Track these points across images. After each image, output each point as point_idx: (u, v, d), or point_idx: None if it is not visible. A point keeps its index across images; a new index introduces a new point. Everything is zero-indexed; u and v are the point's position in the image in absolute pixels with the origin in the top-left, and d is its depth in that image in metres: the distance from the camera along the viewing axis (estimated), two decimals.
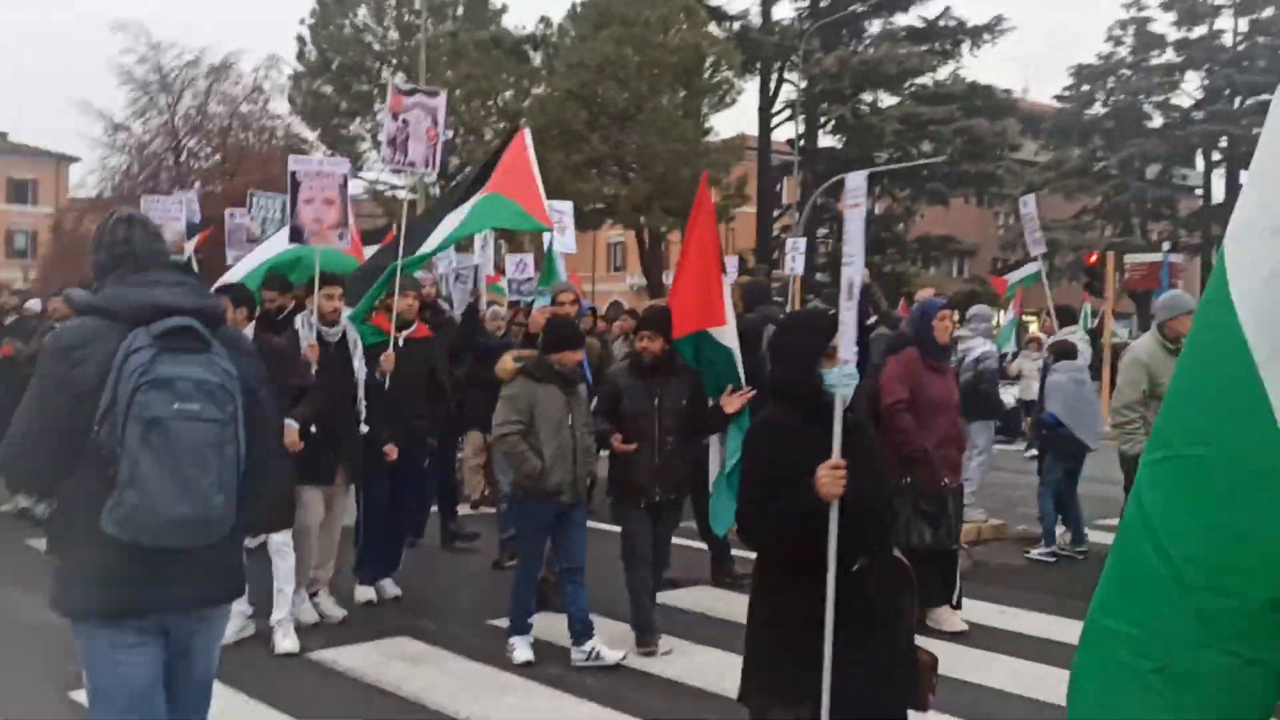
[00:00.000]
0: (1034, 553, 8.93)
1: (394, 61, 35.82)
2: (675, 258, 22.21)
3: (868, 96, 40.36)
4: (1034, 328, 16.30)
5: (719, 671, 5.33)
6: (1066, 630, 4.92)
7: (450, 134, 26.17)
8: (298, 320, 6.63)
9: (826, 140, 40.76)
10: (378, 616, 6.85)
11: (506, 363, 6.13)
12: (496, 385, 6.27)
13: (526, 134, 8.38)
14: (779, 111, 39.44)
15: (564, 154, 29.40)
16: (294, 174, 7.20)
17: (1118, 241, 39.93)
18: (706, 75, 34.41)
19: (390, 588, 7.25)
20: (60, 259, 29.41)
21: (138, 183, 32.25)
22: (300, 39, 36.74)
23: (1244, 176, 1.88)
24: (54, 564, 3.06)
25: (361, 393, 6.74)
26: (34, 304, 11.90)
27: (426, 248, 7.87)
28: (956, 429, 7.16)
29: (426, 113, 7.88)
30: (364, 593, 7.17)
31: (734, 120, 71.99)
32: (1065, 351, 9.40)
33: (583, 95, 31.14)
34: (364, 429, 6.73)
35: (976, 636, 6.56)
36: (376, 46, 36.57)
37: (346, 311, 6.97)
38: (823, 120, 39.86)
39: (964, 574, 7.13)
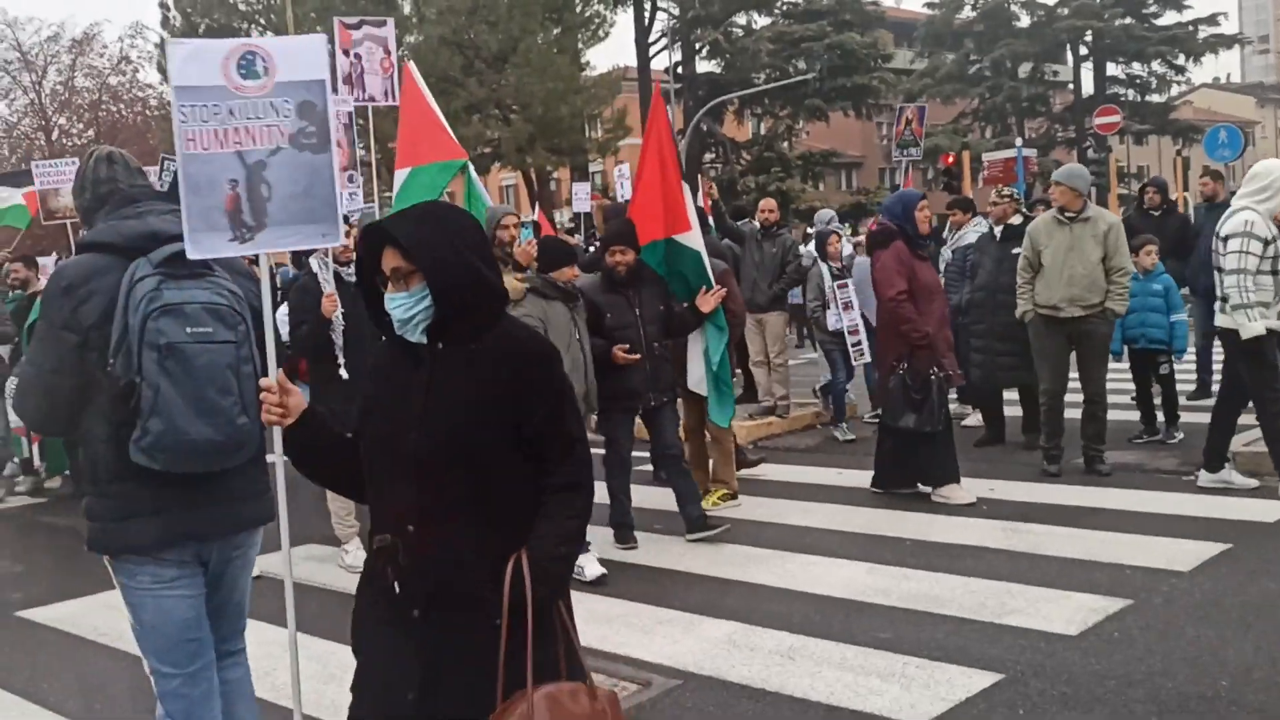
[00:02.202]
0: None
1: (261, 21, 34.73)
2: (565, 195, 22.20)
3: (741, 19, 40.34)
4: None
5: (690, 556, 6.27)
6: None
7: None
8: (313, 261, 6.47)
9: (705, 66, 40.64)
10: None
11: (512, 282, 6.13)
12: None
13: (412, 68, 8.20)
14: (655, 41, 39.19)
15: (443, 101, 28.79)
16: None
17: (992, 142, 40.85)
18: (578, 10, 34.09)
19: None
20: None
21: (10, 164, 31.02)
22: (163, 5, 35.51)
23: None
24: (86, 503, 3.10)
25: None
26: None
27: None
28: (945, 312, 7.54)
29: (377, 43, 7.67)
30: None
31: (612, 53, 71.72)
32: None
33: (456, 41, 30.68)
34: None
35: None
36: (242, 7, 35.44)
37: None
38: (698, 46, 39.74)
39: None
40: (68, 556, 7.28)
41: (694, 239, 6.86)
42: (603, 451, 6.57)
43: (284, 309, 7.95)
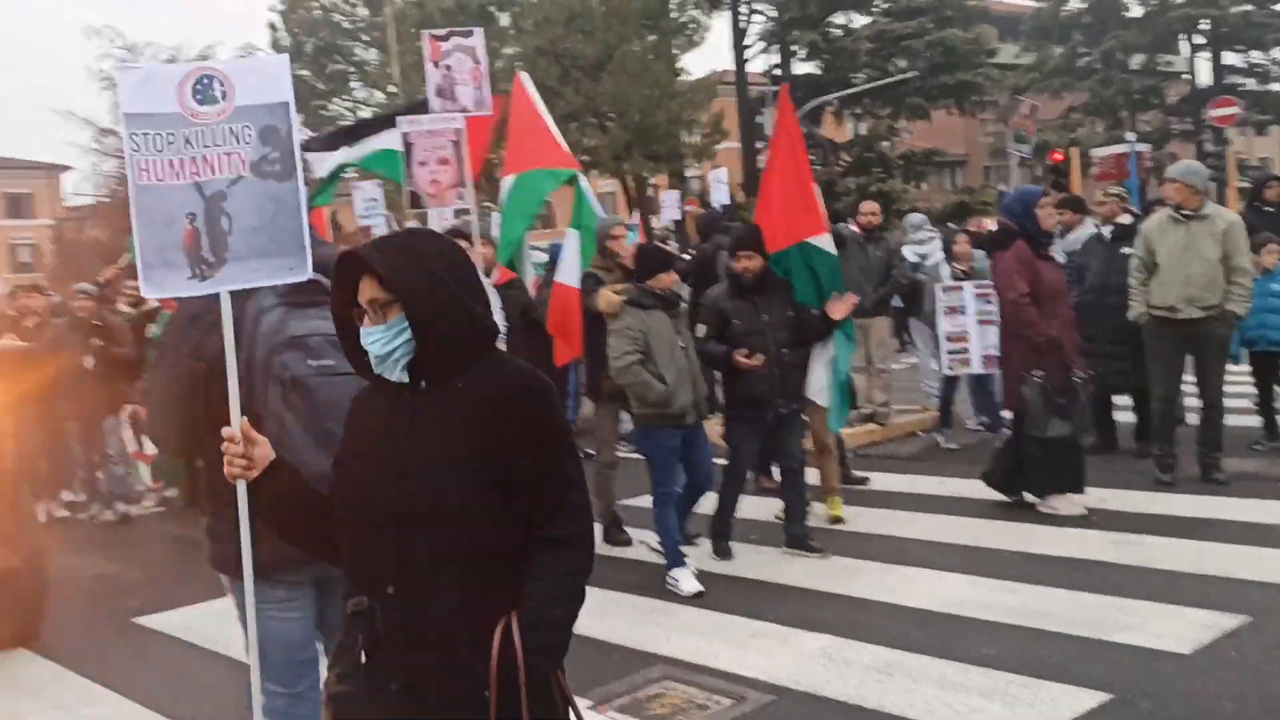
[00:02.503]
0: None
1: (365, 38, 35.66)
2: (663, 201, 22.15)
3: (839, 19, 39.90)
4: None
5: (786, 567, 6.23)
6: None
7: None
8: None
9: (802, 67, 40.31)
10: None
11: (609, 295, 6.12)
12: None
13: (523, 78, 8.15)
14: (751, 45, 39.00)
15: None
16: (405, 137, 6.81)
17: (1102, 137, 39.70)
18: (673, 16, 34.07)
19: None
20: (65, 267, 29.45)
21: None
22: (272, 26, 36.75)
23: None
24: (209, 524, 3.14)
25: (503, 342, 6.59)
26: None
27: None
28: (1071, 314, 7.24)
29: (466, 53, 7.47)
30: None
31: (708, 58, 71.67)
32: None
33: (553, 51, 30.88)
34: None
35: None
36: (346, 25, 36.54)
37: None
38: (795, 48, 39.42)
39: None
40: (181, 564, 7.52)
41: (828, 242, 6.71)
42: (724, 461, 6.56)
43: None
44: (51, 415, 8.55)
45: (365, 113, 34.54)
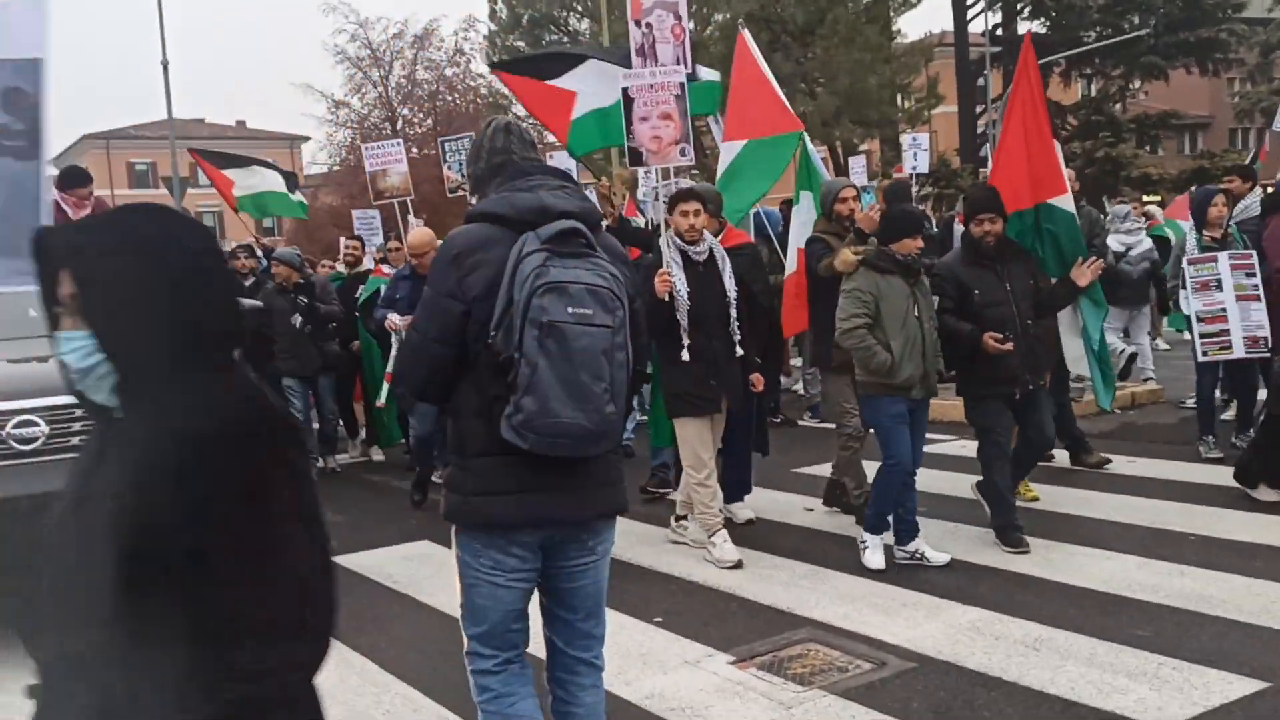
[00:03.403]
0: None
1: (578, 8, 36.35)
2: (875, 167, 21.58)
3: None
4: None
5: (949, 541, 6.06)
6: None
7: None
8: (661, 239, 6.31)
9: (1027, 26, 38.54)
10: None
11: (846, 255, 5.86)
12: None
13: (746, 36, 7.96)
14: (973, 4, 37.58)
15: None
16: (625, 91, 6.54)
17: None
18: None
19: (743, 511, 7.01)
20: (305, 232, 31.40)
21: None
22: None
23: None
24: (449, 474, 3.05)
25: (734, 313, 6.24)
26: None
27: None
28: None
29: (668, 10, 7.30)
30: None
31: (925, 19, 69.40)
32: None
33: (764, 16, 30.65)
34: (739, 353, 6.28)
35: None
36: None
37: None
38: (1019, 6, 37.73)
39: None
40: (379, 510, 8.11)
41: (1070, 202, 6.33)
42: (976, 443, 6.22)
43: None
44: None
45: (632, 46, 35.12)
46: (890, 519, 5.90)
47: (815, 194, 7.13)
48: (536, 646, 3.19)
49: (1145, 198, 35.11)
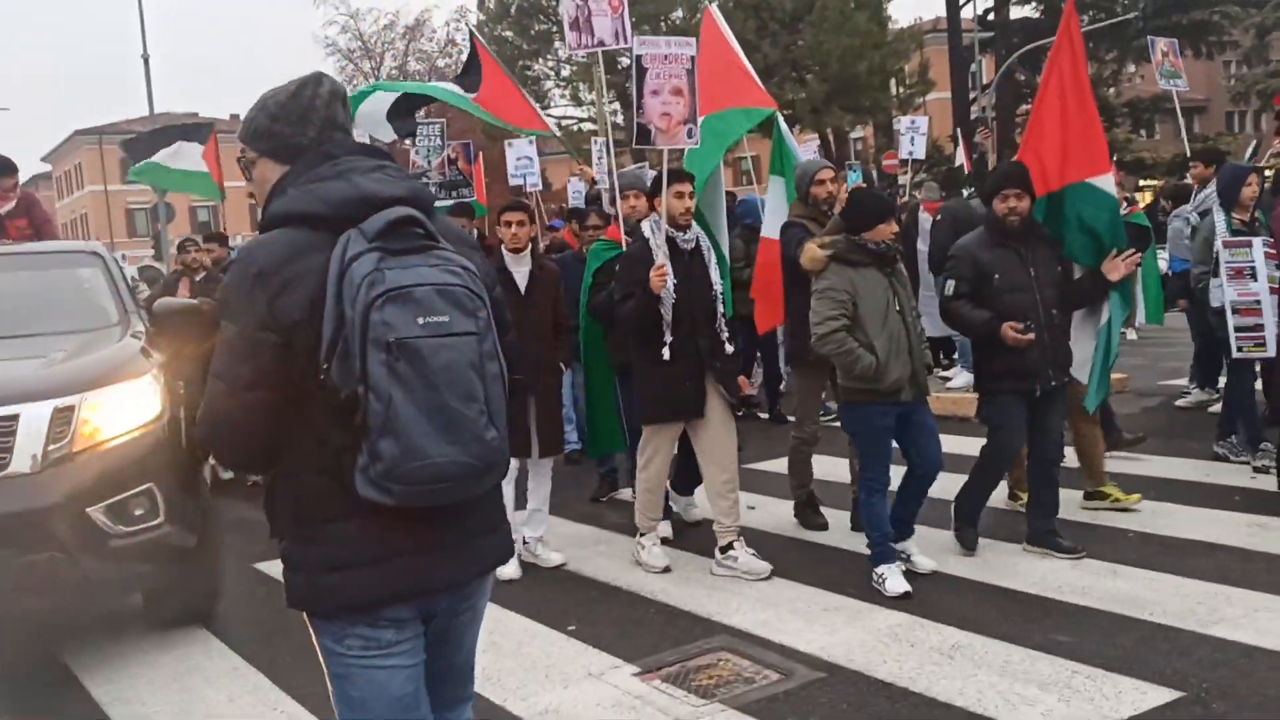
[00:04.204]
0: None
1: None
2: (867, 155, 21.31)
3: None
4: None
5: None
6: None
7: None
8: (645, 225, 5.79)
9: (1019, 12, 38.32)
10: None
11: (814, 252, 5.30)
12: None
13: (714, 11, 7.59)
14: None
15: None
16: (639, 59, 5.90)
17: None
18: None
19: (693, 511, 6.84)
20: None
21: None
22: None
23: None
24: (285, 549, 2.37)
25: (721, 308, 5.81)
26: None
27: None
28: None
29: None
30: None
31: (918, 5, 68.75)
32: None
33: (751, 3, 30.42)
34: (729, 349, 5.83)
35: None
36: None
37: None
38: None
39: None
40: None
41: (1110, 183, 5.66)
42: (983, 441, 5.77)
43: None
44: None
45: (565, 72, 35.09)
46: (895, 545, 5.40)
47: (789, 180, 6.76)
48: None
49: (1142, 182, 34.94)
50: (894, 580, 5.21)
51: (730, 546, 5.73)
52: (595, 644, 4.85)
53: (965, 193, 10.50)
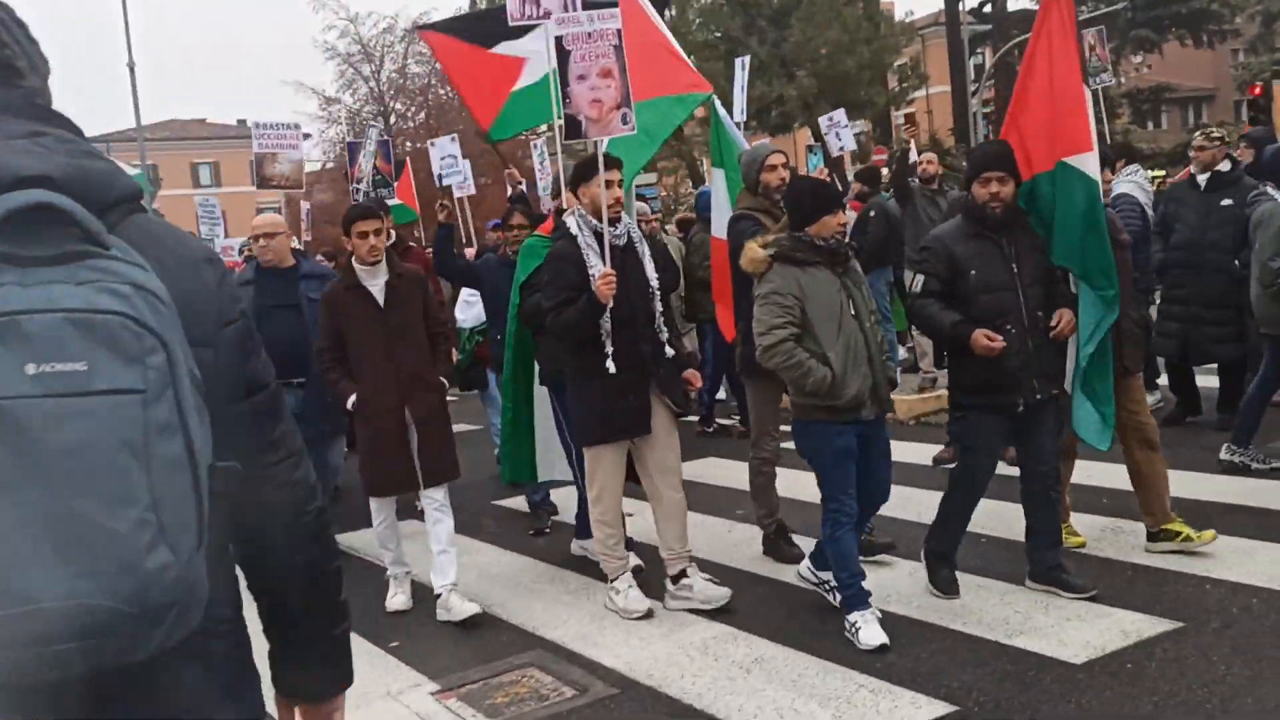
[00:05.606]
0: None
1: None
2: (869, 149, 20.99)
3: None
4: None
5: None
6: None
7: None
8: (569, 220, 5.19)
9: (1017, 4, 38.08)
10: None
11: (753, 252, 4.66)
12: None
13: None
14: None
15: (724, 65, 28.81)
16: (560, 41, 5.15)
17: None
18: None
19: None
20: (294, 228, 31.45)
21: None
22: None
23: None
24: None
25: (659, 307, 5.24)
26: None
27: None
28: None
29: None
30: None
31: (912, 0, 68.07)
32: None
33: (740, 0, 30.37)
34: (669, 353, 5.27)
35: None
36: None
37: None
38: None
39: None
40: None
41: (1091, 163, 4.83)
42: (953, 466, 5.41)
43: (464, 291, 7.84)
44: None
45: None
46: (863, 584, 4.63)
47: (731, 173, 6.20)
48: None
49: (1150, 172, 34.70)
50: (869, 631, 4.47)
51: (683, 574, 5.17)
52: (410, 661, 4.85)
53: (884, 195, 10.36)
